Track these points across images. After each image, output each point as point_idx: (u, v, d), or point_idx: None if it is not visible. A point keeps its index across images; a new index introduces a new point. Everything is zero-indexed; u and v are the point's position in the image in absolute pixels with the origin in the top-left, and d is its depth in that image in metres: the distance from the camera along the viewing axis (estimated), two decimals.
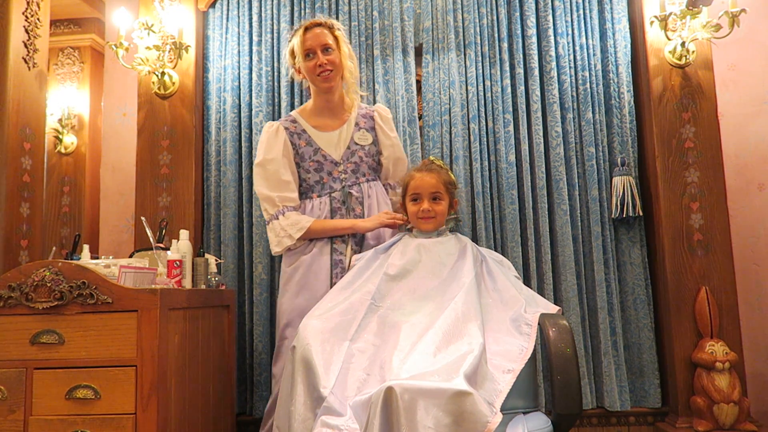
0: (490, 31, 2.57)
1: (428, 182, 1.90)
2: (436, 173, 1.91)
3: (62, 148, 2.97)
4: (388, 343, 1.56)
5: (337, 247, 1.98)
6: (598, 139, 2.51)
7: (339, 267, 1.97)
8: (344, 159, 2.04)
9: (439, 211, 1.89)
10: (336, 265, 1.97)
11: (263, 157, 2.01)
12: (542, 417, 1.54)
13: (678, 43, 2.36)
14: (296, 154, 2.04)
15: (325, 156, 2.03)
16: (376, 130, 2.11)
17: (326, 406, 1.39)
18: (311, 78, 2.02)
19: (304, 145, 2.04)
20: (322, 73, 1.99)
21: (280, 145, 2.01)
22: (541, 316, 1.63)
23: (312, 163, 2.03)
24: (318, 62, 1.98)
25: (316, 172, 2.03)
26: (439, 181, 1.90)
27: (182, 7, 2.56)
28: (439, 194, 1.90)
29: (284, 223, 1.96)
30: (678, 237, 2.33)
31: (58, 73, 3.02)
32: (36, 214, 2.29)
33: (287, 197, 1.99)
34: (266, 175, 2.00)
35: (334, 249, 1.98)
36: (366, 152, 2.07)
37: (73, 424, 1.58)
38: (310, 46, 1.98)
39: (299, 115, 2.10)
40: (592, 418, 2.39)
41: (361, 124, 2.10)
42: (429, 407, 1.28)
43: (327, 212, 2.00)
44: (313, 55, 1.98)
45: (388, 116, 2.14)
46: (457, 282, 1.73)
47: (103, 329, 1.61)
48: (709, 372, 2.18)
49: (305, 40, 1.99)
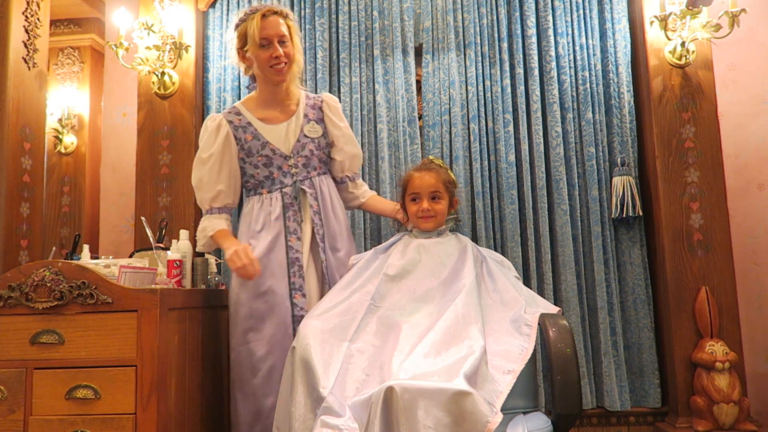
0: (490, 31, 2.57)
1: (427, 182, 1.89)
2: (435, 172, 1.91)
3: (62, 148, 2.97)
4: (388, 344, 1.56)
5: (292, 245, 1.89)
6: (598, 139, 2.51)
7: (296, 265, 1.87)
8: (294, 153, 1.95)
9: (438, 211, 1.89)
10: (293, 264, 1.87)
11: (200, 154, 1.93)
12: (542, 417, 1.54)
13: (678, 43, 2.36)
14: (241, 149, 1.94)
15: (274, 150, 1.94)
16: (325, 121, 2.02)
17: (326, 406, 1.39)
18: (263, 69, 1.90)
19: (251, 139, 1.93)
20: (277, 66, 1.88)
21: (221, 141, 1.91)
22: (541, 316, 1.63)
23: (260, 158, 1.93)
24: (274, 54, 1.87)
25: (265, 167, 1.93)
26: (439, 180, 1.90)
27: (182, 7, 2.56)
28: (438, 193, 1.89)
29: (201, 225, 1.93)
30: (678, 237, 2.33)
31: (58, 73, 3.02)
32: (36, 214, 2.29)
33: (215, 198, 1.91)
34: (201, 172, 1.92)
35: (290, 247, 1.89)
36: (316, 145, 1.99)
37: (73, 424, 1.58)
38: (267, 35, 1.86)
39: (243, 106, 1.99)
40: (592, 418, 2.39)
41: (309, 116, 2.00)
42: (429, 407, 1.28)
43: (279, 208, 1.91)
44: (269, 45, 1.87)
45: (336, 105, 2.05)
46: (457, 283, 1.73)
47: (103, 329, 1.61)
48: (709, 372, 2.18)
49: (263, 27, 1.86)
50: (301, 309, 1.83)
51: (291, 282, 1.85)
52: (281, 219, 1.90)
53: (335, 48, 2.62)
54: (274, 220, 1.90)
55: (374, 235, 2.50)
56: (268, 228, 1.89)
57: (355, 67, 2.58)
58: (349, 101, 2.56)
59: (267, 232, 1.89)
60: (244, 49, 1.91)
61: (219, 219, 1.92)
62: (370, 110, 2.58)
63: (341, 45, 2.60)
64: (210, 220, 1.92)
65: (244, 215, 1.96)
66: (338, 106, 2.06)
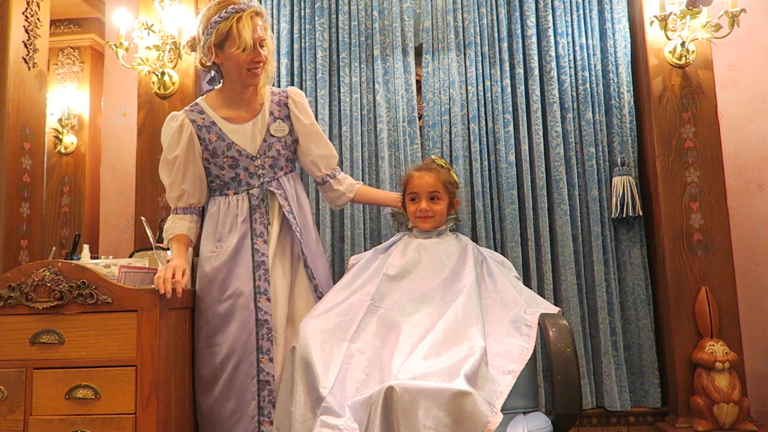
0: (490, 31, 2.57)
1: (426, 182, 1.89)
2: (435, 172, 1.90)
3: (62, 148, 2.97)
4: (388, 344, 1.56)
5: (258, 248, 1.84)
6: (598, 139, 2.51)
7: (262, 268, 1.82)
8: (261, 153, 1.89)
9: (437, 211, 1.89)
10: (258, 267, 1.82)
11: (165, 156, 1.87)
12: (542, 417, 1.55)
13: (678, 43, 2.36)
14: (205, 150, 1.87)
15: (240, 151, 1.88)
16: (291, 118, 1.95)
17: (325, 406, 1.39)
18: (239, 70, 1.82)
19: (215, 139, 1.87)
20: (255, 69, 1.83)
21: (185, 142, 1.85)
22: (541, 316, 1.63)
23: (226, 159, 1.87)
24: (255, 58, 1.80)
25: (231, 169, 1.88)
26: (438, 180, 1.89)
27: (182, 7, 2.56)
28: (437, 194, 1.89)
29: (166, 224, 1.90)
30: (678, 237, 2.33)
31: (58, 73, 3.02)
32: (36, 214, 2.29)
33: (179, 198, 1.88)
34: (166, 173, 1.88)
35: (255, 250, 1.84)
36: (283, 144, 1.93)
37: (73, 424, 1.58)
38: (255, 38, 1.79)
39: (206, 104, 1.91)
40: (592, 417, 2.39)
41: (275, 113, 1.93)
42: (429, 407, 1.28)
43: (246, 210, 1.86)
44: (252, 49, 1.79)
45: (302, 101, 1.97)
46: (457, 283, 1.73)
47: (103, 329, 1.61)
48: (709, 372, 2.18)
49: (254, 29, 1.79)
50: (265, 313, 1.79)
51: (256, 285, 1.81)
52: (248, 221, 1.86)
53: (335, 48, 2.62)
54: (241, 222, 1.85)
55: (374, 235, 2.50)
56: (235, 230, 1.84)
57: (355, 67, 2.58)
58: (349, 101, 2.56)
59: (233, 234, 1.84)
60: (220, 46, 1.80)
61: (182, 220, 1.88)
62: (370, 110, 2.58)
63: (341, 45, 2.60)
64: (174, 220, 1.88)
65: (211, 215, 1.91)
66: (304, 101, 1.98)
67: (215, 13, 1.79)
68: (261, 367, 1.76)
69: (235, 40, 1.77)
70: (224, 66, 1.85)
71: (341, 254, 2.50)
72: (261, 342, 1.77)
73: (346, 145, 2.53)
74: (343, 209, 2.47)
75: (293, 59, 2.61)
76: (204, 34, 1.81)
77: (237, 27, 1.76)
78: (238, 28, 1.76)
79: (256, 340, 1.77)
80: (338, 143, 2.56)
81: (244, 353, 1.76)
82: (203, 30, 1.82)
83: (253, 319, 1.78)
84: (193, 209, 1.91)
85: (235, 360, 1.76)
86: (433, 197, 1.89)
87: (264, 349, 1.77)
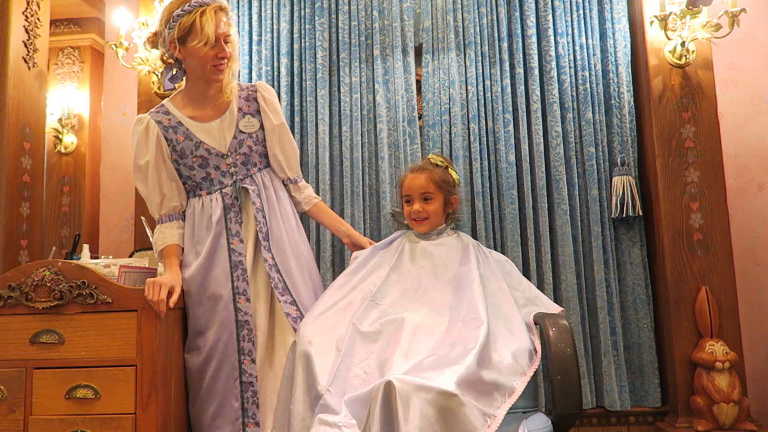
0: (490, 31, 2.57)
1: (417, 183, 1.87)
2: (427, 172, 1.88)
3: (62, 148, 2.97)
4: (389, 343, 1.56)
5: (234, 248, 1.79)
6: (598, 139, 2.51)
7: (239, 269, 1.78)
8: (231, 150, 1.84)
9: (431, 212, 1.87)
10: (236, 267, 1.78)
11: (136, 162, 1.82)
12: (542, 417, 1.55)
13: (678, 42, 2.36)
14: (173, 151, 1.82)
15: (209, 150, 1.82)
16: (261, 114, 1.90)
17: (323, 404, 1.39)
18: (203, 66, 1.77)
19: (183, 139, 1.81)
20: (219, 66, 1.78)
21: (152, 145, 1.80)
22: (542, 315, 1.63)
23: (195, 158, 1.82)
24: (220, 54, 1.76)
25: (202, 168, 1.82)
26: (429, 180, 1.86)
27: None
28: (429, 194, 1.86)
29: (154, 237, 1.85)
30: (678, 237, 2.33)
31: (58, 72, 3.02)
32: (36, 213, 2.29)
33: (161, 204, 1.82)
34: (141, 180, 1.82)
35: (232, 250, 1.79)
36: (254, 140, 1.88)
37: (72, 424, 1.58)
38: (221, 33, 1.75)
39: (171, 104, 1.86)
40: (592, 417, 2.39)
41: (244, 109, 1.88)
42: (425, 405, 1.28)
43: (220, 210, 1.81)
44: (216, 44, 1.74)
45: (271, 97, 1.92)
46: (460, 285, 1.72)
47: (103, 329, 1.61)
48: (709, 372, 2.18)
49: (218, 25, 1.74)
50: (245, 314, 1.75)
51: (234, 286, 1.76)
52: (222, 221, 1.81)
53: (335, 48, 2.62)
54: (216, 223, 1.80)
55: (374, 236, 2.50)
56: (210, 231, 1.80)
57: (355, 67, 2.58)
58: (349, 101, 2.56)
59: (208, 235, 1.80)
60: (182, 41, 1.75)
61: (169, 228, 1.83)
62: (370, 110, 2.58)
63: (341, 45, 2.60)
64: (160, 230, 1.83)
65: (187, 218, 1.86)
66: (273, 98, 1.93)
67: (178, 7, 1.75)
68: (243, 369, 1.73)
69: (197, 34, 1.73)
70: (186, 62, 1.80)
71: (341, 254, 2.50)
72: (242, 343, 1.74)
73: (346, 145, 2.53)
74: (343, 209, 2.48)
75: (293, 59, 2.61)
76: (166, 28, 1.77)
77: (200, 21, 1.72)
78: (201, 21, 1.72)
79: (237, 342, 1.74)
80: (338, 143, 2.56)
81: (225, 355, 1.73)
82: (165, 23, 1.77)
83: (233, 320, 1.75)
84: (176, 214, 1.85)
85: (216, 362, 1.73)
86: (425, 198, 1.87)
87: (246, 350, 1.74)
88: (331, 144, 2.57)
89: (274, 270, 1.80)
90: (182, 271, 1.80)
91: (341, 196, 2.52)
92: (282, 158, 1.92)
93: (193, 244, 1.82)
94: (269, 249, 1.81)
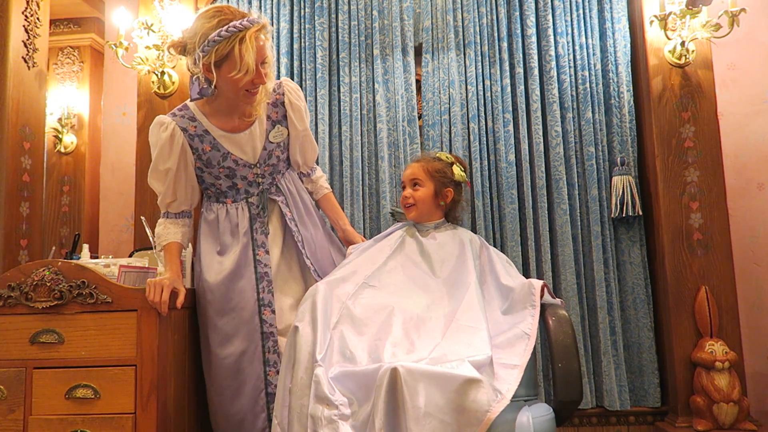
0: (490, 31, 2.57)
1: (409, 171, 1.94)
2: (423, 162, 1.94)
3: (62, 148, 2.97)
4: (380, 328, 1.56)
5: (260, 259, 1.79)
6: (597, 139, 2.51)
7: (265, 280, 1.77)
8: (261, 162, 1.81)
9: (417, 198, 1.90)
10: (261, 279, 1.77)
11: (156, 165, 1.75)
12: (544, 405, 1.57)
13: (678, 42, 2.36)
14: (198, 159, 1.77)
15: (237, 161, 1.78)
16: (287, 119, 1.85)
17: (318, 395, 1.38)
18: (236, 90, 1.66)
19: (209, 149, 1.76)
20: (254, 89, 1.68)
21: (176, 154, 1.73)
22: (542, 306, 1.65)
23: (222, 169, 1.78)
24: (256, 80, 1.65)
25: (228, 178, 1.79)
26: (420, 168, 1.92)
27: (182, 7, 2.56)
28: (418, 180, 1.91)
29: (157, 229, 1.82)
30: (678, 236, 2.33)
31: (57, 72, 3.02)
32: (36, 213, 2.29)
33: (171, 204, 1.80)
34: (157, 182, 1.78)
35: (258, 261, 1.78)
36: (282, 148, 1.86)
37: (72, 424, 1.58)
38: (259, 58, 1.63)
39: (198, 110, 1.77)
40: (592, 417, 2.39)
41: (273, 117, 1.83)
42: (432, 392, 1.29)
43: (246, 221, 1.80)
44: (254, 72, 1.62)
45: (298, 103, 1.85)
46: (457, 278, 1.73)
47: (103, 329, 1.62)
48: (708, 371, 2.18)
49: (259, 51, 1.62)
50: (270, 325, 1.76)
51: (260, 298, 1.76)
52: (249, 232, 1.80)
53: (335, 48, 2.62)
54: (243, 234, 1.79)
55: (374, 235, 2.48)
56: (237, 242, 1.79)
57: (355, 67, 2.58)
58: (349, 101, 2.56)
59: (235, 246, 1.79)
60: (218, 65, 1.62)
61: (175, 225, 1.81)
62: (370, 110, 2.58)
63: (341, 44, 2.60)
64: (165, 225, 1.81)
65: (209, 223, 1.84)
66: (299, 101, 1.86)
67: (214, 30, 1.59)
68: (269, 380, 1.74)
69: (236, 64, 1.59)
70: (219, 82, 1.67)
71: None
72: (267, 355, 1.75)
73: (346, 144, 2.53)
74: (343, 209, 2.47)
75: (293, 59, 2.61)
76: (200, 50, 1.60)
77: (239, 49, 1.57)
78: (241, 50, 1.57)
79: (263, 353, 1.75)
80: (338, 143, 2.56)
81: (251, 367, 1.74)
82: (199, 45, 1.61)
83: (258, 332, 1.76)
84: (185, 214, 1.85)
85: (242, 374, 1.74)
86: (415, 184, 1.91)
87: (271, 362, 1.75)
88: (331, 144, 2.57)
89: (316, 274, 1.85)
90: (203, 277, 1.80)
91: (341, 195, 2.52)
92: (301, 160, 1.96)
93: (215, 250, 1.81)
94: (308, 256, 1.85)
